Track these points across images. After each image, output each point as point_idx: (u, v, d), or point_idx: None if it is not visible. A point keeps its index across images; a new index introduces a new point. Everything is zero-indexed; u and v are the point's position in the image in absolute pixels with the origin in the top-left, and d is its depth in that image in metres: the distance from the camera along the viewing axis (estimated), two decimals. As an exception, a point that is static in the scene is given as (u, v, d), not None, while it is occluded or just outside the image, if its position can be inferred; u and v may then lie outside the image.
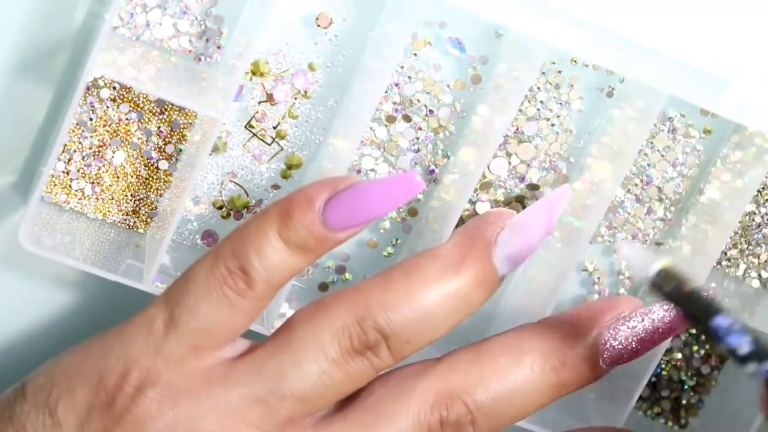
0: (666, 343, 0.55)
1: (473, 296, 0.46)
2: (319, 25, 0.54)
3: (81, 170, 0.55)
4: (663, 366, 0.62)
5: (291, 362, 0.44)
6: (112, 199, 0.56)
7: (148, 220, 0.57)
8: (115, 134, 0.55)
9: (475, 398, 0.46)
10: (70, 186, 0.55)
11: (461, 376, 0.46)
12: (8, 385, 0.48)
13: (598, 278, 0.60)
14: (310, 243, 0.45)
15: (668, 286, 0.41)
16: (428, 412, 0.45)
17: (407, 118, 0.55)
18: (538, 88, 0.55)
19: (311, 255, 0.45)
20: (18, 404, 0.45)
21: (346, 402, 0.46)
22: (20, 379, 0.47)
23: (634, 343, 0.47)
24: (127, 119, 0.55)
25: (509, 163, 0.56)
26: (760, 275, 0.59)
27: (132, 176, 0.56)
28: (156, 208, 0.56)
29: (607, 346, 0.47)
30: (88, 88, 0.54)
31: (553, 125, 0.56)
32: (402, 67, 0.55)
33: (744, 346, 0.39)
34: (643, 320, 0.47)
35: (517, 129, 0.56)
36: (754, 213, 0.58)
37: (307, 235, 0.45)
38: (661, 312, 0.48)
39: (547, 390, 0.47)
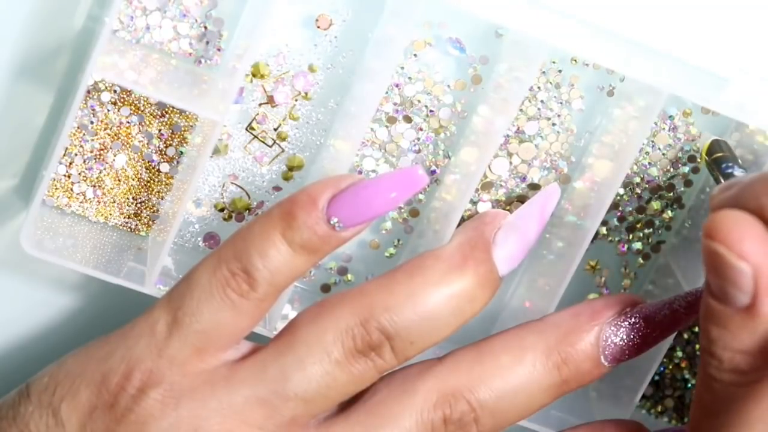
0: (669, 341, 0.55)
1: (477, 297, 0.46)
2: (319, 27, 0.54)
3: (82, 173, 0.55)
4: (666, 364, 0.62)
5: (294, 363, 0.44)
6: (114, 202, 0.56)
7: (150, 222, 0.57)
8: (116, 137, 0.55)
9: (478, 396, 0.46)
10: (71, 189, 0.55)
11: (464, 375, 0.46)
12: (10, 387, 0.48)
13: (601, 277, 0.60)
14: (314, 243, 0.45)
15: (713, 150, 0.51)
16: (431, 411, 0.45)
17: (408, 119, 0.55)
18: (539, 87, 0.55)
19: (315, 255, 0.45)
20: (22, 405, 0.45)
21: (350, 403, 0.46)
22: (21, 382, 0.47)
23: (635, 339, 0.47)
24: (128, 122, 0.55)
25: (510, 162, 0.56)
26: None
27: (133, 179, 0.56)
28: (157, 210, 0.56)
29: (609, 342, 0.47)
30: (88, 92, 0.54)
31: (554, 125, 0.56)
32: (402, 68, 0.55)
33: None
34: (644, 317, 0.47)
35: (518, 129, 0.56)
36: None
37: (311, 235, 0.45)
38: (662, 309, 0.48)
39: (549, 387, 0.47)
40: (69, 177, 0.55)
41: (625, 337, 0.47)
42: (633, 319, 0.47)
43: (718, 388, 0.41)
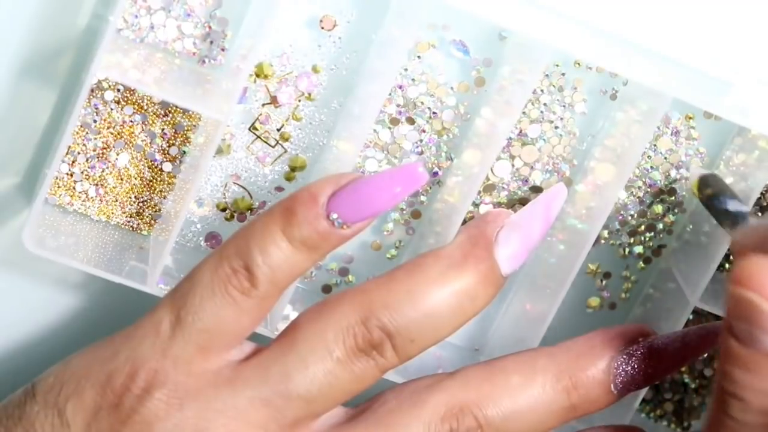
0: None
1: (477, 295, 0.46)
2: (323, 28, 0.54)
3: (85, 172, 0.55)
4: (666, 368, 0.62)
5: (296, 363, 0.44)
6: (116, 201, 0.56)
7: (152, 222, 0.57)
8: (119, 136, 0.55)
9: (485, 413, 0.46)
10: (73, 188, 0.55)
11: (473, 391, 0.46)
12: (12, 386, 0.48)
13: (602, 281, 0.60)
14: (314, 240, 0.45)
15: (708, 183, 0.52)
16: (439, 424, 0.45)
17: (411, 121, 0.55)
18: (542, 90, 0.55)
19: (316, 252, 0.45)
20: (28, 404, 0.46)
21: (358, 412, 0.46)
22: (23, 381, 0.47)
23: (646, 369, 0.47)
24: (131, 121, 0.55)
25: (512, 165, 0.56)
26: (763, 278, 0.59)
27: (136, 178, 0.56)
28: (160, 210, 0.56)
29: (620, 371, 0.47)
30: (92, 91, 0.54)
31: (556, 128, 0.56)
32: (406, 70, 0.55)
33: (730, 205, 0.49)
34: (656, 348, 0.47)
35: (521, 131, 0.56)
36: (758, 215, 0.58)
37: (311, 231, 0.45)
38: (675, 341, 0.48)
39: (557, 411, 0.46)
40: (72, 175, 0.55)
41: (636, 366, 0.47)
42: (645, 350, 0.47)
43: (742, 429, 0.41)
